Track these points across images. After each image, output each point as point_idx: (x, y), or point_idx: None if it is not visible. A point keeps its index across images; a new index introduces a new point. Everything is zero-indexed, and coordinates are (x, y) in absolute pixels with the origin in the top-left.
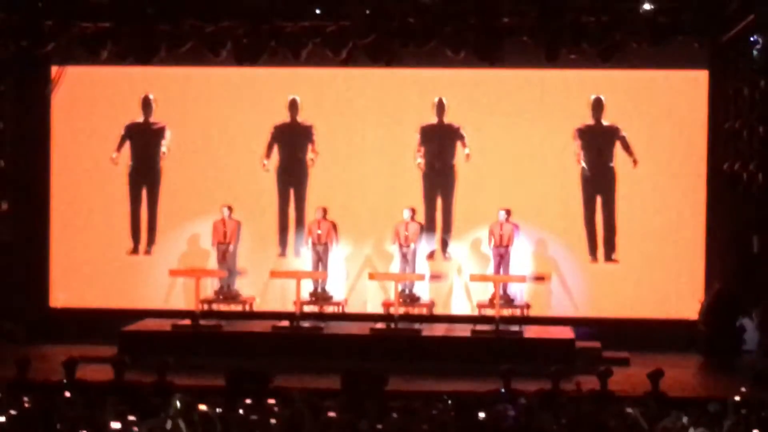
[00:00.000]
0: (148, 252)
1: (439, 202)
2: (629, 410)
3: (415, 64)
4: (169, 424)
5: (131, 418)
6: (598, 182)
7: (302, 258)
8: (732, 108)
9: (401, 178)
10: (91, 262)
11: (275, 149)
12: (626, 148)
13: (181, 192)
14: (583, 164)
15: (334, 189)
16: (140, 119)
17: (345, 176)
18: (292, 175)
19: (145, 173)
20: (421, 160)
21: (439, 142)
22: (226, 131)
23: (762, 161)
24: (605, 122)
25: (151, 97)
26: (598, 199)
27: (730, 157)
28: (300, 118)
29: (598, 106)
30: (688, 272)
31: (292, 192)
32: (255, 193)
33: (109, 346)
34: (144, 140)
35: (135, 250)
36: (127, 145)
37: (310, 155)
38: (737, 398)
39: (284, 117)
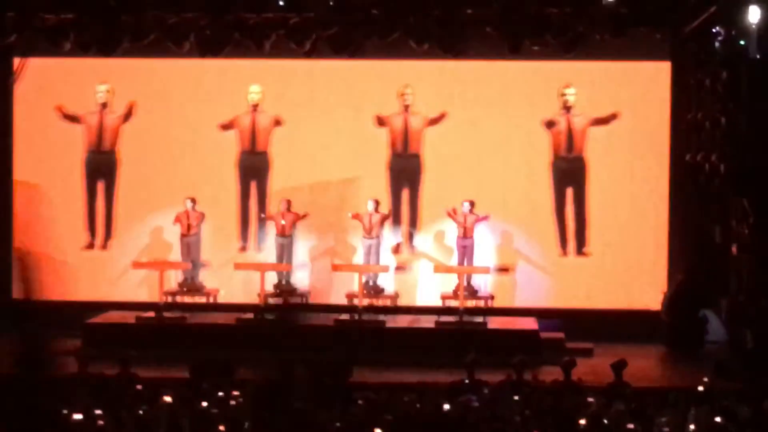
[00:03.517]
0: (104, 247)
1: (405, 194)
2: (591, 400)
3: (378, 56)
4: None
5: (96, 411)
6: (569, 174)
7: (264, 252)
8: (694, 99)
9: (365, 169)
10: (54, 254)
11: (237, 142)
12: (600, 120)
13: (142, 184)
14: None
15: (297, 181)
16: (97, 110)
17: (308, 168)
18: (254, 168)
19: (101, 166)
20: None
21: (405, 133)
22: (188, 123)
23: (724, 152)
24: (576, 112)
25: (102, 88)
26: (569, 192)
27: (693, 148)
28: (263, 110)
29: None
30: (651, 263)
31: (253, 185)
32: (216, 185)
33: (73, 339)
34: (100, 132)
35: (91, 245)
36: (84, 137)
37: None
38: (700, 388)
39: (247, 109)
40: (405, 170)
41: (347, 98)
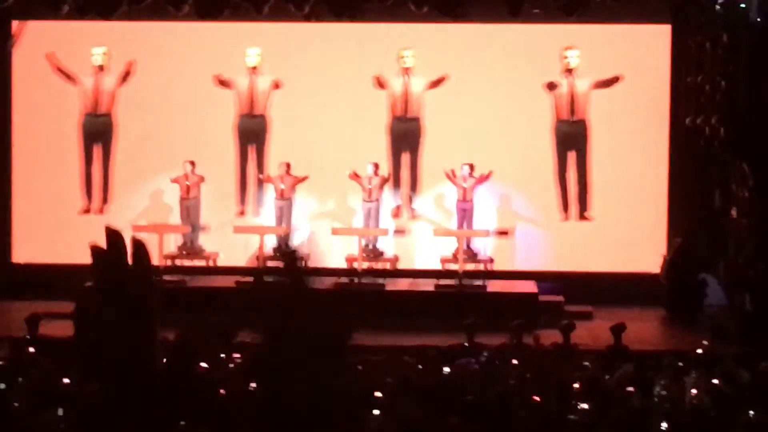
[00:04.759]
0: (101, 211)
1: (405, 157)
2: (586, 363)
3: (378, 19)
4: None
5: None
6: (572, 138)
7: (262, 216)
8: (694, 62)
9: (365, 133)
10: (54, 218)
11: (235, 106)
12: (602, 83)
13: (139, 148)
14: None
15: (297, 145)
16: (93, 72)
17: (308, 132)
18: (252, 132)
19: (98, 129)
20: None
21: (405, 97)
22: (187, 86)
23: (724, 116)
24: (578, 75)
25: (99, 50)
26: (571, 155)
27: (693, 111)
28: (261, 73)
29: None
30: (651, 227)
31: (251, 149)
32: (215, 149)
33: (70, 302)
34: (96, 95)
35: (87, 210)
36: (80, 101)
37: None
38: (699, 351)
39: (245, 72)
40: (405, 133)
41: (347, 61)
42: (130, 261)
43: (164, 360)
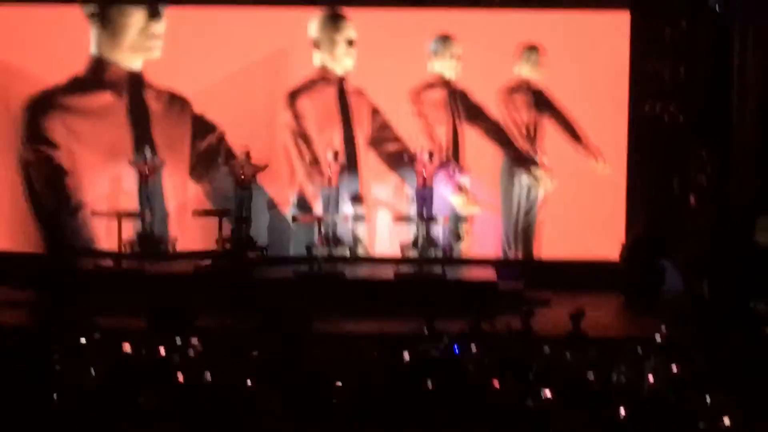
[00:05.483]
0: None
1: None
2: (546, 348)
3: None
4: None
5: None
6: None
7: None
8: (653, 49)
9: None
10: (15, 205)
11: None
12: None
13: (99, 133)
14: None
15: (257, 132)
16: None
17: (268, 119)
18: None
19: None
20: None
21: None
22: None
23: (683, 102)
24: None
25: None
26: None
27: (652, 98)
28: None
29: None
30: (610, 213)
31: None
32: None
33: (31, 289)
34: None
35: None
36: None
37: None
38: (658, 338)
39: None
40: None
41: (307, 48)
42: None
43: None
